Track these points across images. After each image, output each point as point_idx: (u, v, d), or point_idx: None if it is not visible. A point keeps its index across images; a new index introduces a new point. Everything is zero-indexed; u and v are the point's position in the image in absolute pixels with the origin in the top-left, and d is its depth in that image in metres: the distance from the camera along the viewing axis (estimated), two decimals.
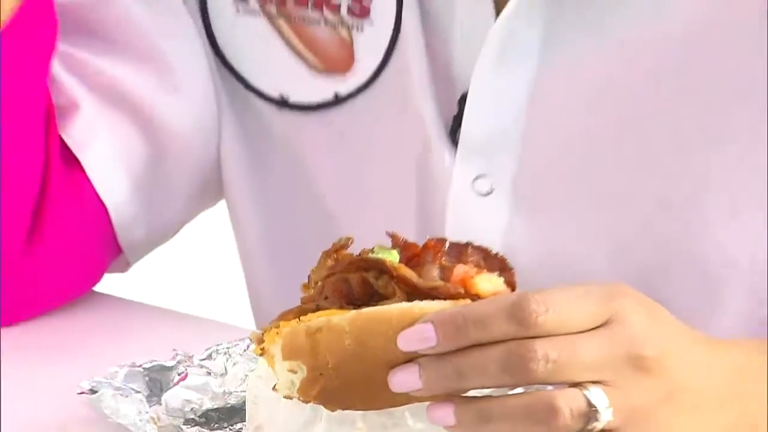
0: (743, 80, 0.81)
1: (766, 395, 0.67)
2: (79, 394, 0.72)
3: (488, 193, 0.83)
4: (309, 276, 0.64)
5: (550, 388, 0.56)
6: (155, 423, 0.71)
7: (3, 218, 0.87)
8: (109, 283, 0.95)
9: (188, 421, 0.71)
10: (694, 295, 0.79)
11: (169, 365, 0.74)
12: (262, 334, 0.62)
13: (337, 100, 0.87)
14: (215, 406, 0.73)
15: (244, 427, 0.70)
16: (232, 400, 0.73)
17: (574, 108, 0.83)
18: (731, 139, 0.82)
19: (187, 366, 0.74)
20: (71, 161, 0.87)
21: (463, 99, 0.81)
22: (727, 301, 0.81)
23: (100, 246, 0.91)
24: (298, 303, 0.63)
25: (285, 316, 0.62)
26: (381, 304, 0.60)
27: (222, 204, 0.97)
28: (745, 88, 0.82)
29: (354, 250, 0.63)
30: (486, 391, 0.58)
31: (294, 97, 0.88)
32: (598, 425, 0.55)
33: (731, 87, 0.82)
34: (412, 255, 0.63)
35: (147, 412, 0.70)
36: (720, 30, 0.81)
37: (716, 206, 0.81)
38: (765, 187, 0.82)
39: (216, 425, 0.72)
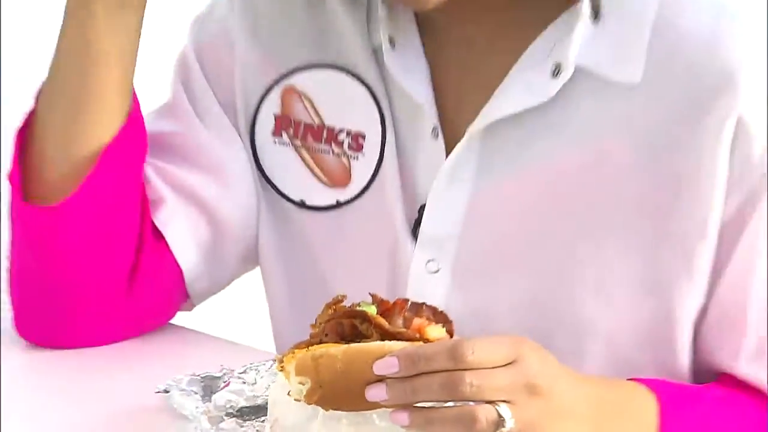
0: (619, 198, 0.99)
1: (615, 413, 0.89)
2: (156, 392, 0.92)
3: (436, 272, 1.02)
4: (316, 319, 0.83)
5: (472, 403, 0.75)
6: (207, 415, 0.90)
7: (112, 271, 1.08)
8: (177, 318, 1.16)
9: (228, 414, 0.90)
10: (566, 352, 0.91)
11: (217, 375, 0.94)
12: (282, 357, 0.80)
13: (338, 205, 1.06)
14: (247, 405, 0.91)
15: (266, 420, 0.87)
16: (259, 401, 0.92)
17: (498, 215, 1.02)
18: (606, 239, 0.99)
19: (230, 377, 0.94)
20: (158, 236, 1.08)
21: (422, 208, 1.02)
22: (588, 359, 0.99)
23: (175, 293, 1.10)
24: (308, 337, 0.82)
25: (298, 346, 0.81)
26: (363, 342, 0.79)
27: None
28: (620, 204, 0.99)
29: (346, 303, 0.83)
30: (430, 403, 0.77)
31: (309, 201, 1.07)
32: (504, 430, 0.75)
33: (611, 202, 0.99)
34: (385, 309, 0.81)
35: (201, 407, 0.90)
36: (602, 167, 0.99)
37: (586, 290, 0.99)
38: (627, 278, 0.99)
39: (247, 418, 0.91)
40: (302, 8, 1.12)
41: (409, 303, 0.85)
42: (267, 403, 0.88)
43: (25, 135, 1.07)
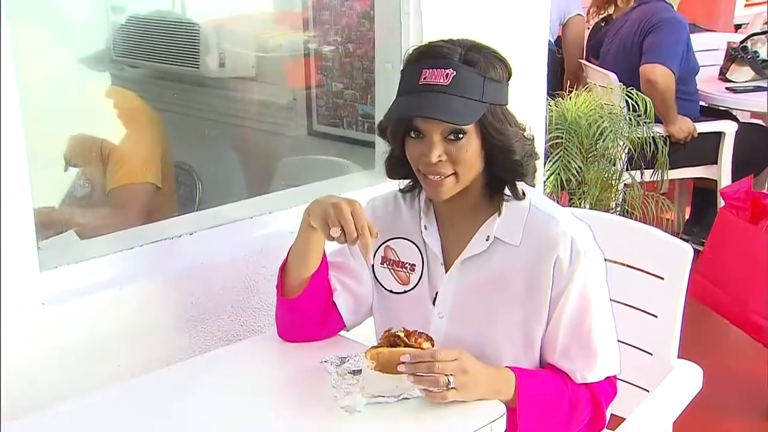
0: (514, 296, 1.46)
1: (499, 380, 1.38)
2: (322, 361, 1.44)
3: (442, 318, 1.51)
4: (380, 336, 1.39)
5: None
6: (337, 374, 1.40)
7: (316, 319, 1.55)
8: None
9: (346, 373, 1.40)
10: (493, 359, 1.42)
11: (345, 356, 1.44)
12: (366, 351, 1.35)
13: (405, 292, 1.55)
14: (354, 369, 1.40)
15: (360, 375, 1.37)
16: (360, 367, 1.38)
17: (467, 297, 1.50)
18: (509, 314, 1.47)
19: (348, 357, 1.44)
20: (334, 305, 1.56)
21: (436, 294, 1.52)
22: (504, 362, 1.44)
23: (340, 326, 1.59)
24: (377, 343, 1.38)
25: (374, 346, 1.36)
26: (397, 347, 1.35)
27: None
28: (514, 299, 1.46)
29: (395, 331, 1.37)
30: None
31: (394, 290, 1.56)
32: (451, 384, 1.29)
33: (510, 298, 1.46)
34: (407, 334, 1.37)
35: (337, 371, 1.41)
36: (506, 281, 1.46)
37: (503, 335, 1.48)
38: (517, 333, 1.46)
39: (352, 375, 1.39)
40: (391, 212, 1.59)
41: (417, 331, 1.39)
42: (360, 370, 1.39)
43: (283, 269, 1.56)
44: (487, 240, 1.49)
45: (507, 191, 1.48)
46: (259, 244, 1.84)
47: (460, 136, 1.40)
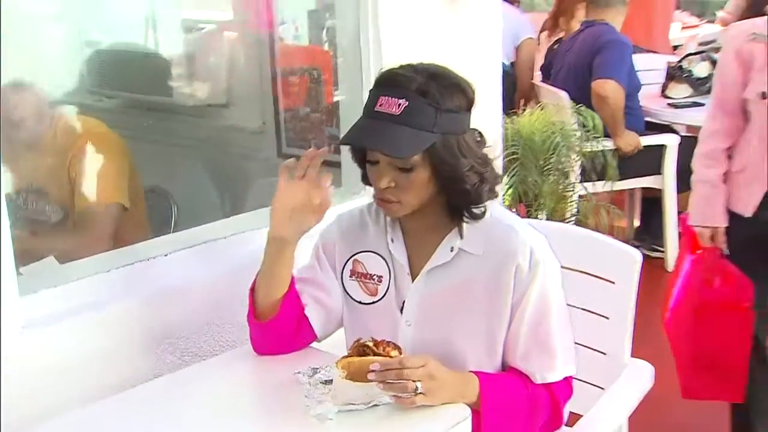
0: (477, 303, 1.46)
1: (463, 384, 1.37)
2: (295, 373, 1.43)
3: (410, 326, 1.51)
4: (350, 347, 1.38)
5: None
6: (309, 384, 1.38)
7: (288, 333, 1.52)
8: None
9: (318, 383, 1.38)
10: (458, 365, 1.42)
11: (316, 367, 1.42)
12: (337, 361, 1.33)
13: (373, 303, 1.54)
14: (325, 379, 1.39)
15: (331, 385, 1.36)
16: (330, 377, 1.38)
17: (432, 303, 1.49)
18: (473, 320, 1.47)
19: (320, 368, 1.41)
20: (306, 318, 1.54)
21: (403, 302, 1.51)
22: (468, 367, 1.44)
23: (311, 338, 1.57)
24: (347, 353, 1.37)
25: (344, 356, 1.34)
26: (366, 357, 1.33)
27: None
28: (477, 306, 1.46)
29: (364, 340, 1.37)
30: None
31: (363, 301, 1.55)
32: (419, 390, 1.29)
33: (473, 305, 1.47)
34: (376, 343, 1.35)
35: (309, 382, 1.39)
36: (469, 289, 1.47)
37: (468, 342, 1.48)
38: (481, 339, 1.45)
39: (323, 384, 1.37)
40: (358, 227, 1.58)
41: (385, 341, 1.37)
42: (332, 380, 1.38)
43: (252, 292, 1.53)
44: (451, 251, 1.49)
45: (465, 214, 1.48)
46: (234, 263, 1.83)
47: (408, 166, 1.39)
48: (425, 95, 1.36)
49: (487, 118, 2.32)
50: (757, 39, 2.06)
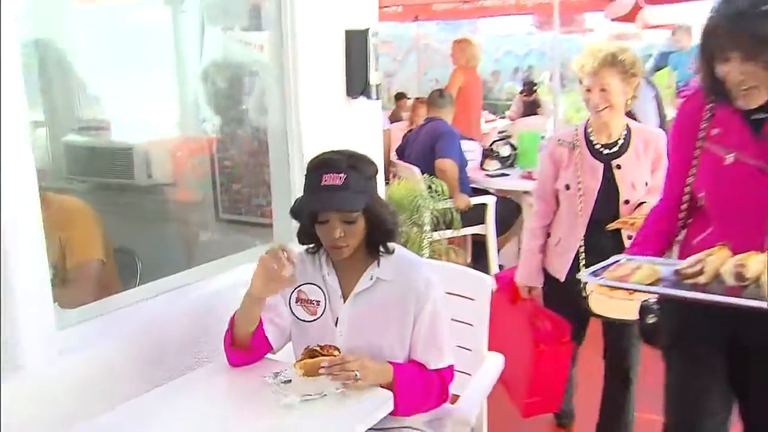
0: (392, 318, 1.51)
1: (384, 372, 1.45)
2: (262, 377, 1.46)
3: (341, 336, 1.55)
4: (302, 351, 1.47)
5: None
6: (275, 384, 1.42)
7: (257, 352, 1.54)
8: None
9: (281, 383, 1.43)
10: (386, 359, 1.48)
11: (277, 371, 1.46)
12: (295, 364, 1.44)
13: (314, 320, 1.55)
14: (286, 379, 1.43)
15: (291, 383, 1.41)
16: (289, 378, 1.43)
17: (358, 317, 1.52)
18: (394, 331, 1.52)
19: (280, 371, 1.46)
20: (265, 335, 1.55)
21: (337, 319, 1.54)
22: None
23: (268, 350, 1.58)
24: (300, 357, 1.45)
25: (299, 359, 1.45)
26: (315, 358, 1.44)
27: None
28: (393, 321, 1.52)
29: (312, 346, 1.45)
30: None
31: (305, 319, 1.56)
32: (358, 376, 1.39)
33: (391, 320, 1.51)
34: (322, 347, 1.47)
35: (274, 382, 1.43)
36: (387, 306, 1.51)
37: (390, 345, 1.52)
38: (398, 341, 1.50)
39: (285, 383, 1.42)
40: (299, 266, 1.57)
41: (328, 345, 1.47)
42: (291, 378, 1.44)
43: (231, 327, 1.53)
44: (371, 279, 1.57)
45: (381, 248, 1.59)
46: (196, 304, 1.82)
47: (353, 220, 1.50)
48: (355, 169, 1.47)
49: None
50: (562, 144, 2.10)
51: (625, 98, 1.99)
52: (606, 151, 2.04)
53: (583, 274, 1.38)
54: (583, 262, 2.03)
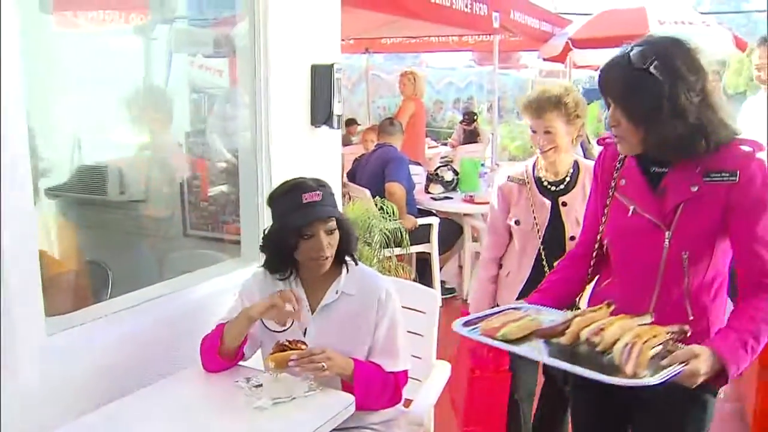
0: (359, 325, 1.57)
1: (347, 363, 1.50)
2: (235, 381, 1.48)
3: (305, 337, 1.57)
4: (273, 348, 1.50)
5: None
6: (247, 388, 1.46)
7: (235, 361, 1.56)
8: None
9: (253, 387, 1.46)
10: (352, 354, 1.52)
11: (249, 377, 1.50)
12: (266, 358, 1.48)
13: (283, 331, 1.59)
14: (257, 383, 1.47)
15: (262, 387, 1.44)
16: (260, 382, 1.47)
17: (326, 324, 1.57)
18: (360, 336, 1.56)
19: (251, 377, 1.50)
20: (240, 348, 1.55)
21: (305, 330, 1.59)
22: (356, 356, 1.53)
23: (241, 358, 1.60)
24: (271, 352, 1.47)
25: (271, 353, 1.49)
26: (285, 351, 1.48)
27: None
28: (360, 328, 1.57)
29: (282, 341, 1.47)
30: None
31: (277, 330, 1.59)
32: (324, 367, 1.45)
33: (359, 328, 1.56)
34: (291, 342, 1.51)
35: (247, 386, 1.47)
36: (355, 315, 1.56)
37: (353, 347, 1.57)
38: (360, 345, 1.54)
39: (256, 387, 1.46)
40: (270, 282, 1.64)
41: (296, 339, 1.50)
42: (262, 383, 1.45)
43: (218, 340, 1.54)
44: (336, 293, 1.63)
45: (349, 258, 1.65)
46: (171, 313, 1.82)
47: (334, 230, 1.56)
48: (324, 187, 1.56)
49: None
50: (512, 180, 2.04)
51: (570, 138, 1.94)
52: (553, 188, 1.99)
53: (456, 325, 1.27)
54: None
